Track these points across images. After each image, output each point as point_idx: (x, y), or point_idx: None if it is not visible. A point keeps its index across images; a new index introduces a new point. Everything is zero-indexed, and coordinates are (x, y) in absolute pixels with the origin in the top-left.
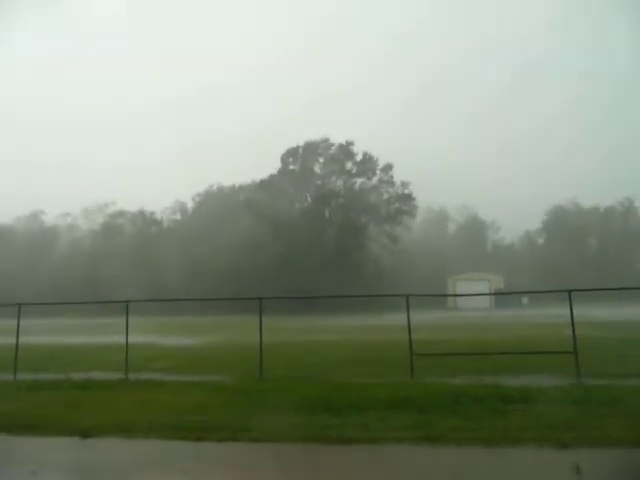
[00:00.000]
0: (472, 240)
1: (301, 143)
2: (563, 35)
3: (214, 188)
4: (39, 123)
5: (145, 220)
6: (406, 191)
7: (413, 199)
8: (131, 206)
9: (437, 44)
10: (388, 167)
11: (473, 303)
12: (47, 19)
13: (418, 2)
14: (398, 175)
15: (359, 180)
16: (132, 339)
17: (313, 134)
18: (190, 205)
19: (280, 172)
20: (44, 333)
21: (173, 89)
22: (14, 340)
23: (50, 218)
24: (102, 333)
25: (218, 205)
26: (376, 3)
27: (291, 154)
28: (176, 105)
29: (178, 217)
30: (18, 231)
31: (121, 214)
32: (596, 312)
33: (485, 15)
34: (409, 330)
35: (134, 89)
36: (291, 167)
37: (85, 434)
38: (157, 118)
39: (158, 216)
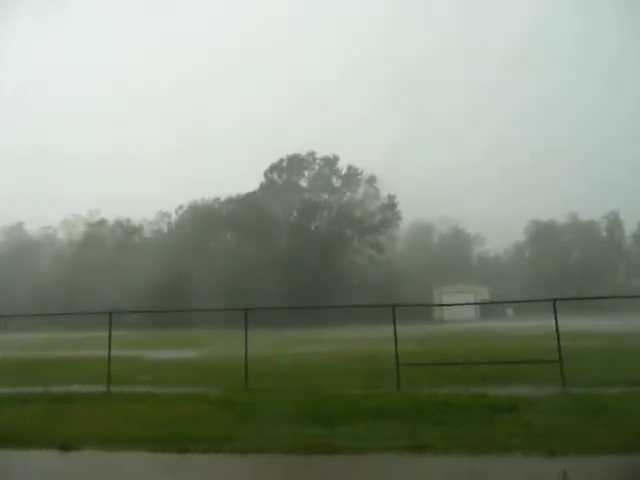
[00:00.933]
0: (457, 253)
1: (285, 157)
2: (547, 38)
3: (198, 201)
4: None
5: (126, 231)
6: (391, 202)
7: (396, 205)
8: (112, 216)
9: (421, 56)
10: (372, 179)
11: (459, 315)
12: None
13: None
14: (383, 188)
15: (344, 194)
16: (115, 352)
17: (298, 148)
18: (173, 217)
19: (265, 185)
20: (24, 347)
21: (157, 101)
22: None
23: (32, 230)
24: (84, 347)
25: (202, 217)
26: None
27: (276, 167)
28: (160, 118)
29: (162, 228)
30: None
31: (102, 224)
32: (580, 323)
33: (473, 24)
34: (395, 340)
35: (117, 99)
36: (276, 180)
37: (64, 447)
38: (140, 128)
39: (140, 227)
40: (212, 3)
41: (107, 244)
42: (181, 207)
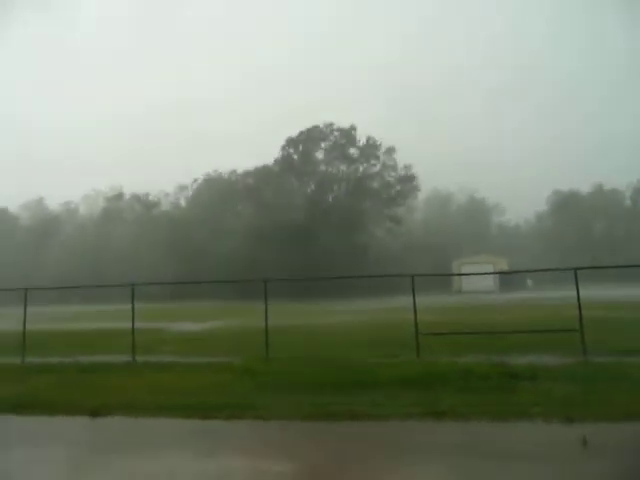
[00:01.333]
0: (476, 223)
1: (304, 129)
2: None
3: (215, 174)
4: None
5: (145, 205)
6: (409, 173)
7: (415, 178)
8: (131, 191)
9: (442, 33)
10: (391, 150)
11: (478, 286)
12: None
13: None
14: (401, 159)
15: (362, 165)
16: (138, 324)
17: (316, 120)
18: (191, 190)
19: (282, 158)
20: (50, 319)
21: (176, 79)
22: (21, 326)
23: (53, 206)
24: (107, 319)
25: (219, 191)
26: None
27: (293, 140)
28: (180, 93)
29: (180, 201)
30: (22, 219)
31: (121, 198)
32: (602, 292)
33: (487, 16)
34: (415, 309)
35: (137, 78)
36: (293, 153)
37: (94, 413)
38: (159, 104)
39: (158, 200)
40: None
41: (126, 218)
42: (196, 180)
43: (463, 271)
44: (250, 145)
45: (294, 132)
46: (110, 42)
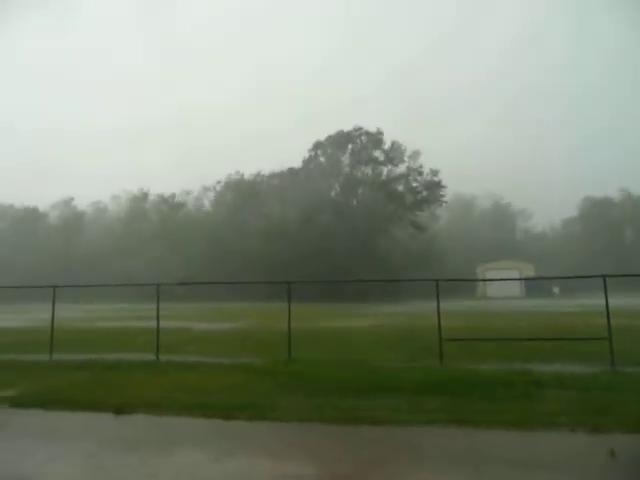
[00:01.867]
0: (502, 228)
1: (331, 132)
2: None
3: (241, 176)
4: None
5: (171, 206)
6: (435, 179)
7: (443, 187)
8: (158, 191)
9: (466, 39)
10: (416, 154)
11: (503, 292)
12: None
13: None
14: (427, 163)
15: (387, 168)
16: (163, 323)
17: (343, 124)
18: (216, 191)
19: (308, 160)
20: (78, 317)
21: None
22: (49, 322)
23: (82, 205)
24: (134, 318)
25: (244, 192)
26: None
27: (320, 143)
28: (208, 97)
29: (205, 203)
30: (51, 218)
31: (146, 199)
32: (630, 300)
33: (512, 17)
34: (438, 315)
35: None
36: (319, 156)
37: (118, 410)
38: (187, 105)
39: (184, 202)
40: None
41: (153, 218)
42: (219, 182)
43: (488, 276)
44: (276, 147)
45: (320, 135)
46: (136, 46)
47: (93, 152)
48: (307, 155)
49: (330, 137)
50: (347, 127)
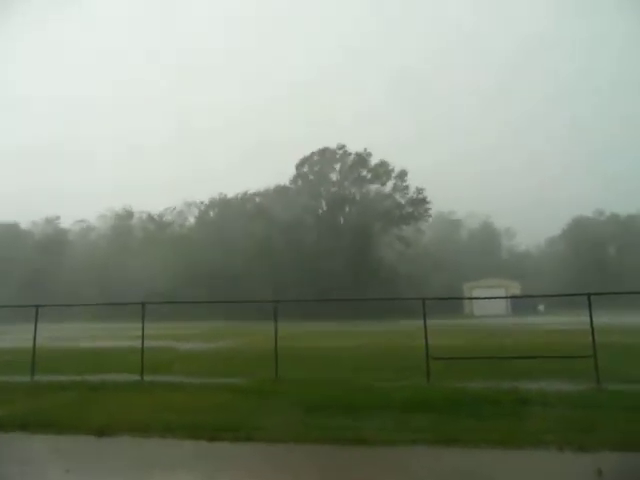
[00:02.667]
0: (487, 247)
1: (316, 150)
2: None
3: (228, 194)
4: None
5: (157, 225)
6: (420, 196)
7: (427, 202)
8: (144, 210)
9: (456, 58)
10: (403, 174)
11: (490, 310)
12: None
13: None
14: (413, 182)
15: (374, 187)
16: (148, 343)
17: (329, 142)
18: (203, 210)
19: (295, 178)
20: (60, 336)
21: (184, 95)
22: (31, 342)
23: (65, 224)
24: (118, 337)
25: (232, 210)
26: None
27: (307, 161)
28: (190, 112)
29: (191, 221)
30: (34, 235)
31: (131, 217)
32: (615, 319)
33: (496, 36)
34: (425, 333)
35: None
36: (306, 174)
37: (100, 432)
38: (170, 124)
39: (170, 221)
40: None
41: (138, 237)
42: (203, 203)
43: (474, 294)
44: (262, 166)
45: (306, 152)
46: (122, 65)
47: (79, 170)
48: (295, 172)
49: (314, 154)
50: (333, 144)
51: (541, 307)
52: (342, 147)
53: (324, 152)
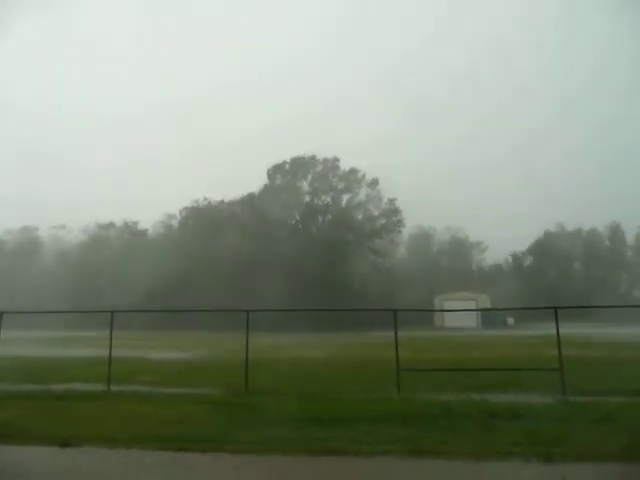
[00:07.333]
0: (458, 260)
1: (288, 159)
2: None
3: (201, 202)
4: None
5: (133, 233)
6: (392, 207)
7: (399, 212)
8: (118, 218)
9: (426, 65)
10: (374, 182)
11: (460, 322)
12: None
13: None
14: (384, 193)
15: (346, 196)
16: (116, 352)
17: (300, 150)
18: (178, 219)
19: (267, 188)
20: (26, 345)
21: (162, 101)
22: None
23: (41, 231)
24: (85, 346)
25: (205, 219)
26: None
27: (278, 170)
28: (164, 120)
29: (167, 230)
30: (7, 243)
31: (110, 227)
32: (581, 331)
33: (476, 44)
34: (396, 345)
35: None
36: (278, 183)
37: (64, 443)
38: (145, 131)
39: (146, 230)
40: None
41: (113, 246)
42: (185, 209)
43: (446, 307)
44: (234, 172)
45: (278, 161)
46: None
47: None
48: (267, 181)
49: (284, 163)
50: (303, 153)
51: (510, 320)
52: (313, 157)
53: (295, 160)
